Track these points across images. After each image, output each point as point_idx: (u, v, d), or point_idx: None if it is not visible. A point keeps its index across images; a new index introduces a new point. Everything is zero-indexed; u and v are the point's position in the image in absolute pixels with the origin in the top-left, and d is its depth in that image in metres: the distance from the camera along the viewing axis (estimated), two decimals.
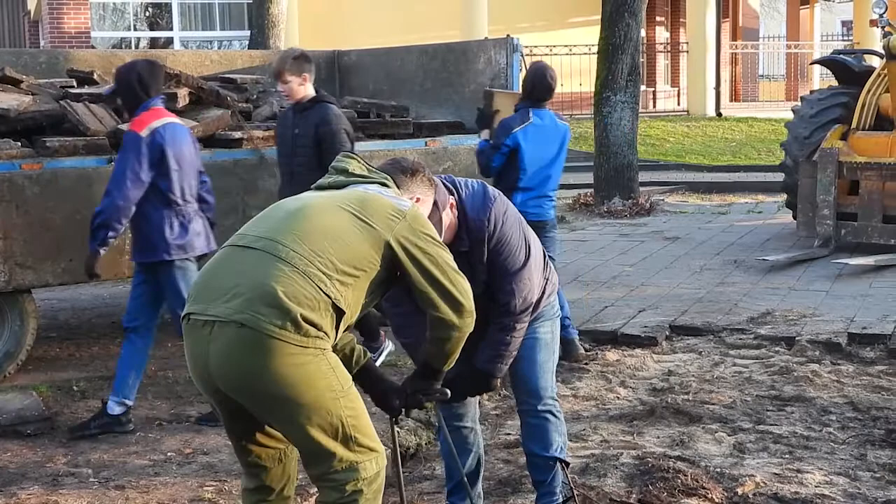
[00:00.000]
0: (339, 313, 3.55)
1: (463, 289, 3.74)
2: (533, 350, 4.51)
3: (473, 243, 4.17)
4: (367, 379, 3.93)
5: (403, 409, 4.02)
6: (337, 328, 3.58)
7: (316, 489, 3.79)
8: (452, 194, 4.19)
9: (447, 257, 3.74)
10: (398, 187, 3.93)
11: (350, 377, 3.65)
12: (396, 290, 3.99)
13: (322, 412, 3.50)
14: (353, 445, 3.58)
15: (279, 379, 3.43)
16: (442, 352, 3.87)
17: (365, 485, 3.62)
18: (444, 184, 4.20)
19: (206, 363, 3.50)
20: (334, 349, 3.64)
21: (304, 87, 6.63)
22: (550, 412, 4.56)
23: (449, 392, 4.05)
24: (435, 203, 4.04)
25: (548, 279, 4.53)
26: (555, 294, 4.62)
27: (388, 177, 3.93)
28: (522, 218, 4.41)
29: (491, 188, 4.32)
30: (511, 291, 4.23)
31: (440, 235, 3.93)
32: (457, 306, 3.72)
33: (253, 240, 3.60)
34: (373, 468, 3.64)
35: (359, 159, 3.97)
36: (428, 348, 3.90)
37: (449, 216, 4.13)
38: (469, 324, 3.78)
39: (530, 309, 4.32)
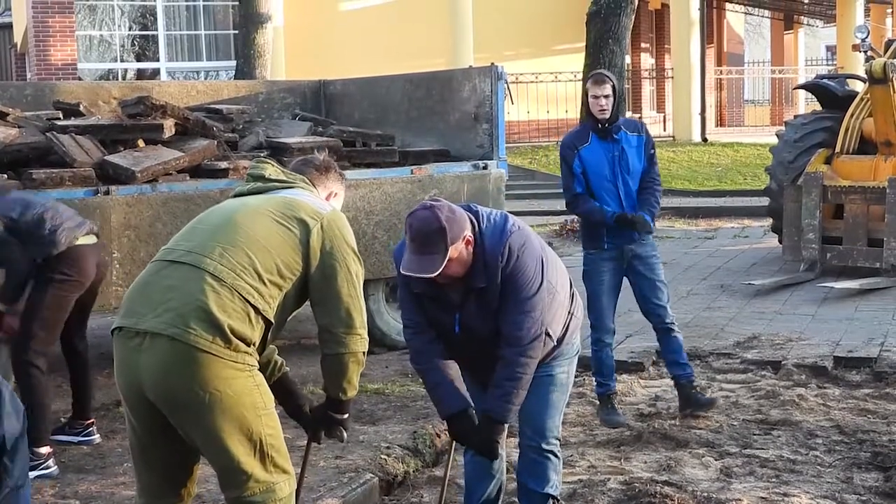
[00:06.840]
0: (267, 324, 3.66)
1: (359, 306, 3.77)
2: (546, 388, 4.41)
3: (490, 279, 4.01)
4: (281, 391, 3.99)
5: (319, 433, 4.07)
6: (265, 338, 3.69)
7: None
8: (473, 226, 4.02)
9: (356, 269, 3.80)
10: (314, 185, 4.01)
11: (273, 397, 3.74)
12: (418, 315, 4.11)
13: (244, 429, 3.59)
14: (269, 465, 3.67)
15: (206, 391, 3.51)
16: (334, 375, 3.86)
17: None
18: (466, 214, 4.03)
19: (137, 373, 3.57)
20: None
21: None
22: (553, 452, 4.49)
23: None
24: (444, 230, 3.87)
25: (572, 314, 4.43)
26: (577, 331, 4.51)
27: (305, 178, 4.00)
28: (548, 251, 4.26)
29: (512, 220, 4.14)
30: (516, 322, 4.04)
31: (450, 267, 3.92)
32: (349, 321, 3.76)
33: (182, 254, 3.69)
34: (286, 489, 3.74)
35: (273, 164, 4.06)
36: (324, 377, 3.91)
37: (462, 251, 3.95)
38: (357, 344, 3.79)
39: (538, 342, 4.11)
